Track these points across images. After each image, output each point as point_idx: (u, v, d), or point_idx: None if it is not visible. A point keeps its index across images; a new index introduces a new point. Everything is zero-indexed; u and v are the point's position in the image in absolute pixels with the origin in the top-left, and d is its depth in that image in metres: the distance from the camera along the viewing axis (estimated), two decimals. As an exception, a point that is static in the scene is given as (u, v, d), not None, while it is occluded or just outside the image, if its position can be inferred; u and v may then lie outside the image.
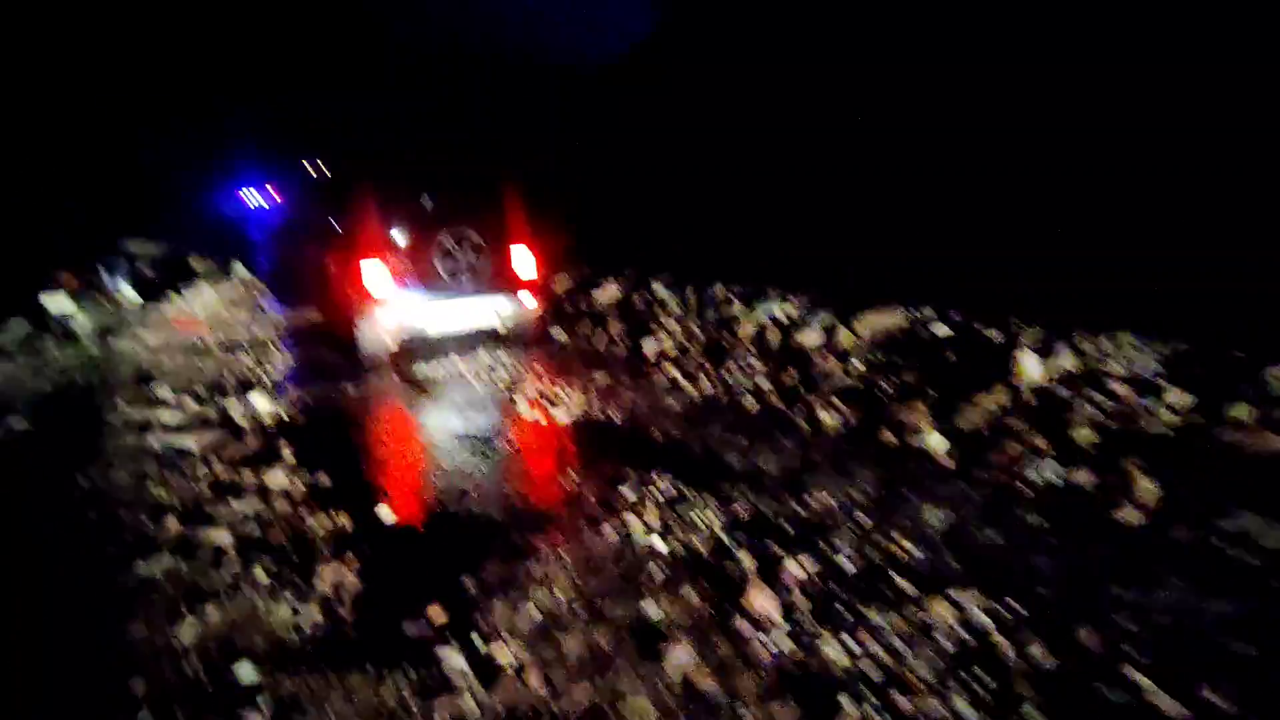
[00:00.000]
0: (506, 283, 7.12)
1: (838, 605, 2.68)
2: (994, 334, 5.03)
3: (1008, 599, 2.64)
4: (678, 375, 6.03)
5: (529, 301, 7.25)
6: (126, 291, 8.74)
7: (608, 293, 8.79)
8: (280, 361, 7.48)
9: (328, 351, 7.92)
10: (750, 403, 5.21)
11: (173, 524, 3.23)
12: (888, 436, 4.33)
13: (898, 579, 2.83)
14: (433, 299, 6.88)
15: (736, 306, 6.91)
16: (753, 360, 5.96)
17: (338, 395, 6.15)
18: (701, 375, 5.91)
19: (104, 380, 5.95)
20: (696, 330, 6.94)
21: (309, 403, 5.95)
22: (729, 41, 13.05)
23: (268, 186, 41.59)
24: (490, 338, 7.68)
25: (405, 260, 6.73)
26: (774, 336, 6.17)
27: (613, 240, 10.12)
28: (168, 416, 4.99)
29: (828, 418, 4.75)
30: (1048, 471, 3.62)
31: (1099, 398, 4.13)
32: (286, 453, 4.57)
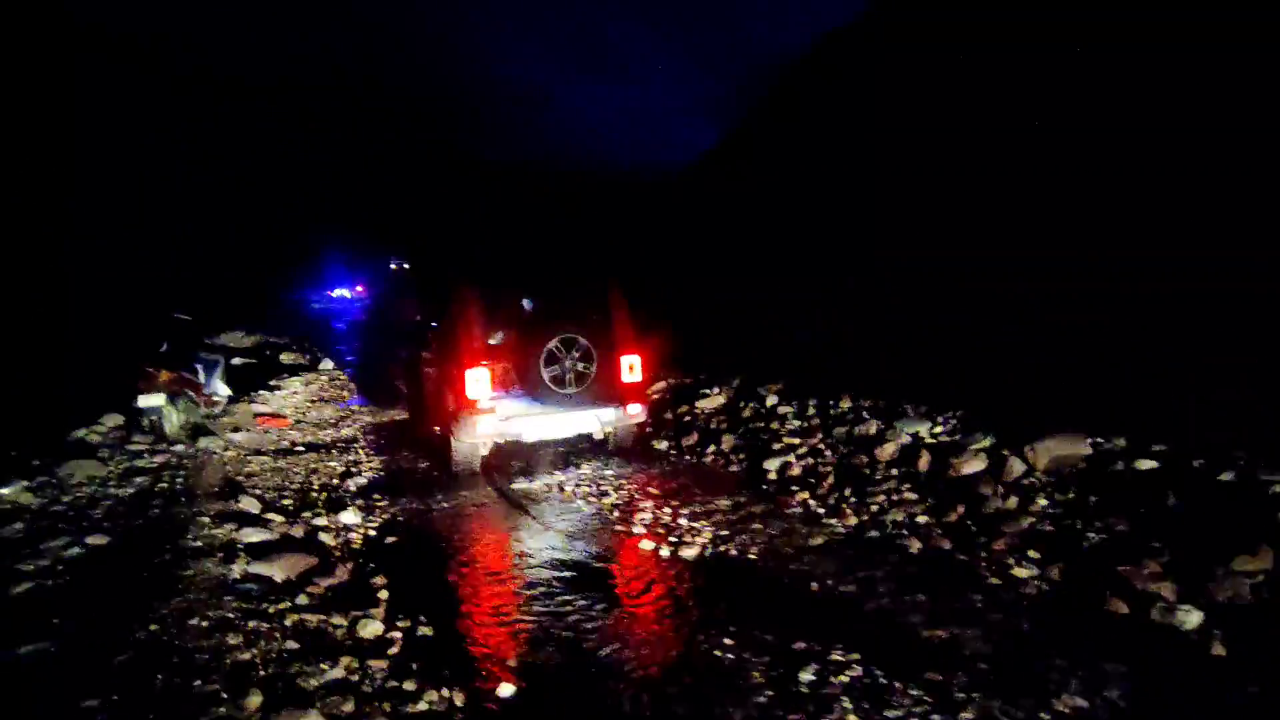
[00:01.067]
0: (611, 389, 6.58)
1: None
2: (1227, 475, 4.11)
3: None
4: (813, 502, 5.25)
5: (634, 409, 6.66)
6: (219, 388, 8.58)
7: (713, 401, 8.15)
8: (368, 467, 7.03)
9: (417, 456, 7.45)
10: (914, 544, 4.38)
11: (253, 702, 2.59)
12: (1118, 606, 3.42)
13: None
14: (534, 405, 6.37)
15: (872, 424, 6.13)
16: (903, 490, 5.14)
17: (432, 513, 5.58)
18: (842, 504, 5.11)
19: (189, 487, 5.55)
20: (824, 449, 6.18)
21: (401, 520, 5.39)
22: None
23: (357, 286, 43.52)
24: (591, 447, 7.07)
25: (508, 365, 6.27)
26: (924, 461, 5.35)
27: (714, 345, 9.56)
28: (253, 536, 4.48)
29: (1022, 571, 3.88)
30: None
31: None
32: (381, 590, 3.96)
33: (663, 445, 7.42)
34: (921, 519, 4.71)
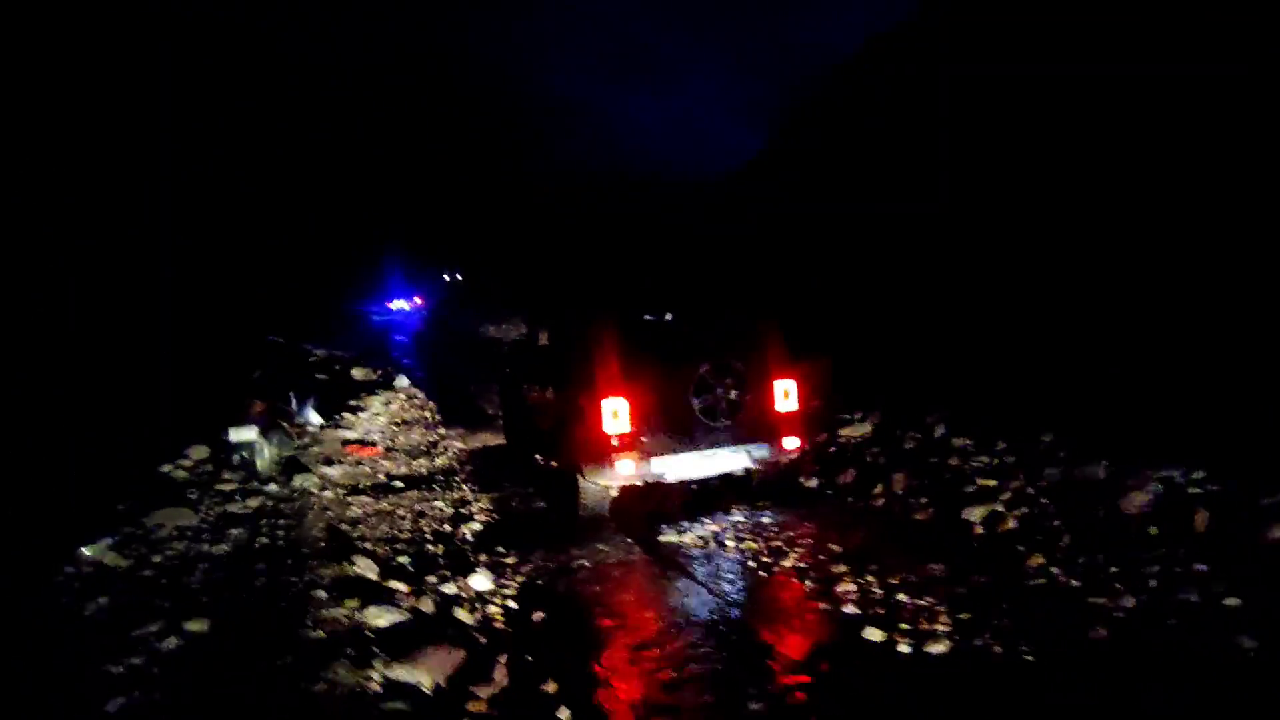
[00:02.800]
0: (763, 420, 5.60)
1: None
2: None
3: None
4: (1056, 570, 4.17)
5: (790, 443, 5.66)
6: (311, 417, 7.86)
7: (858, 429, 7.09)
8: (478, 508, 6.18)
9: (527, 493, 6.59)
10: (1244, 642, 3.26)
11: None
12: None
13: None
14: (680, 441, 5.41)
15: (1098, 466, 5.00)
16: (1179, 555, 4.02)
17: (574, 574, 4.67)
18: (1101, 576, 4.01)
19: (292, 541, 4.74)
20: (1035, 495, 5.07)
21: (541, 585, 4.50)
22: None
23: (415, 298, 43.54)
24: (729, 486, 6.09)
25: (652, 397, 5.34)
26: (1200, 519, 4.22)
27: (864, 366, 8.47)
28: (381, 618, 3.62)
29: None
30: None
31: None
32: (559, 705, 3.03)
33: (812, 483, 6.40)
34: (1230, 601, 3.59)
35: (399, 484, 6.82)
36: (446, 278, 54.76)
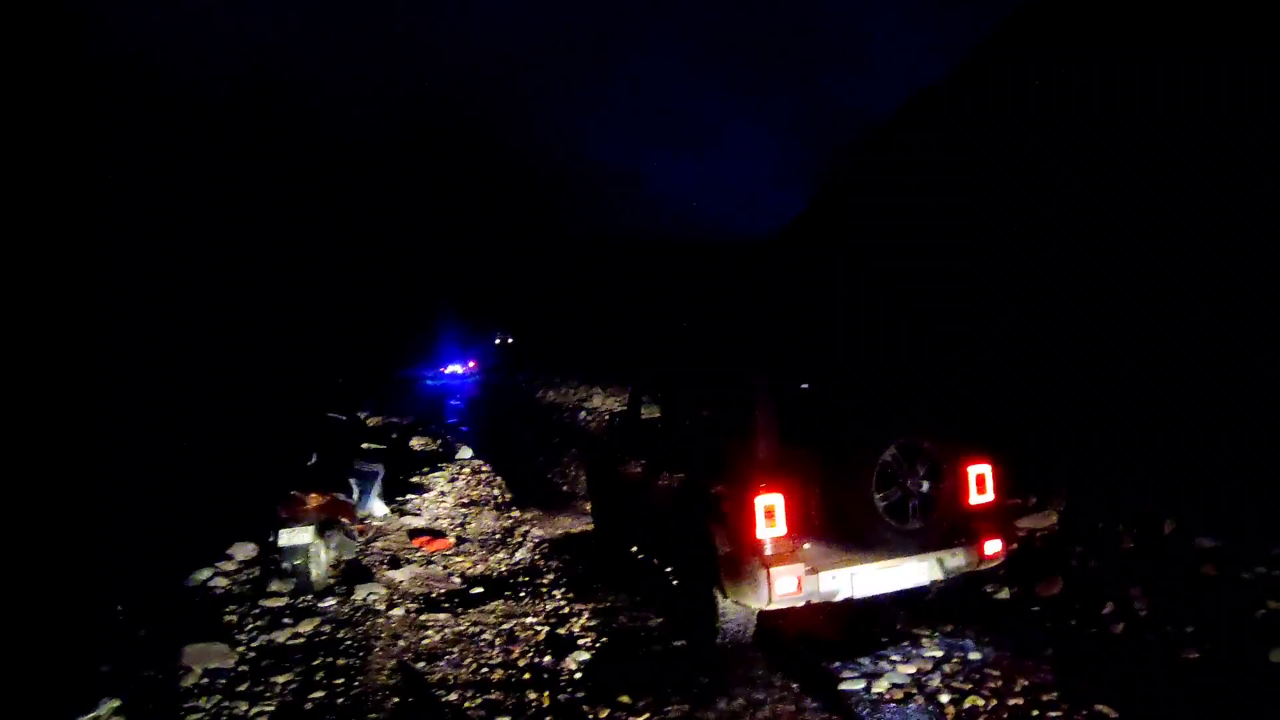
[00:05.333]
0: (958, 520, 4.29)
1: None
2: None
3: None
4: None
5: (993, 548, 4.32)
6: (375, 508, 6.80)
7: (1040, 520, 5.69)
8: (579, 626, 4.93)
9: (633, 602, 5.32)
10: None
11: None
12: None
13: None
14: (852, 548, 4.13)
15: None
16: None
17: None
18: None
19: (356, 697, 3.57)
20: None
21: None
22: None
23: (470, 362, 43.23)
24: (918, 604, 4.73)
25: (814, 489, 4.11)
26: None
27: (1012, 434, 7.07)
28: None
29: None
30: None
31: None
32: None
33: (1003, 594, 5.00)
34: None
35: (478, 590, 5.64)
36: (498, 341, 54.58)
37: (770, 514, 3.95)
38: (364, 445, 10.30)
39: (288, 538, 4.78)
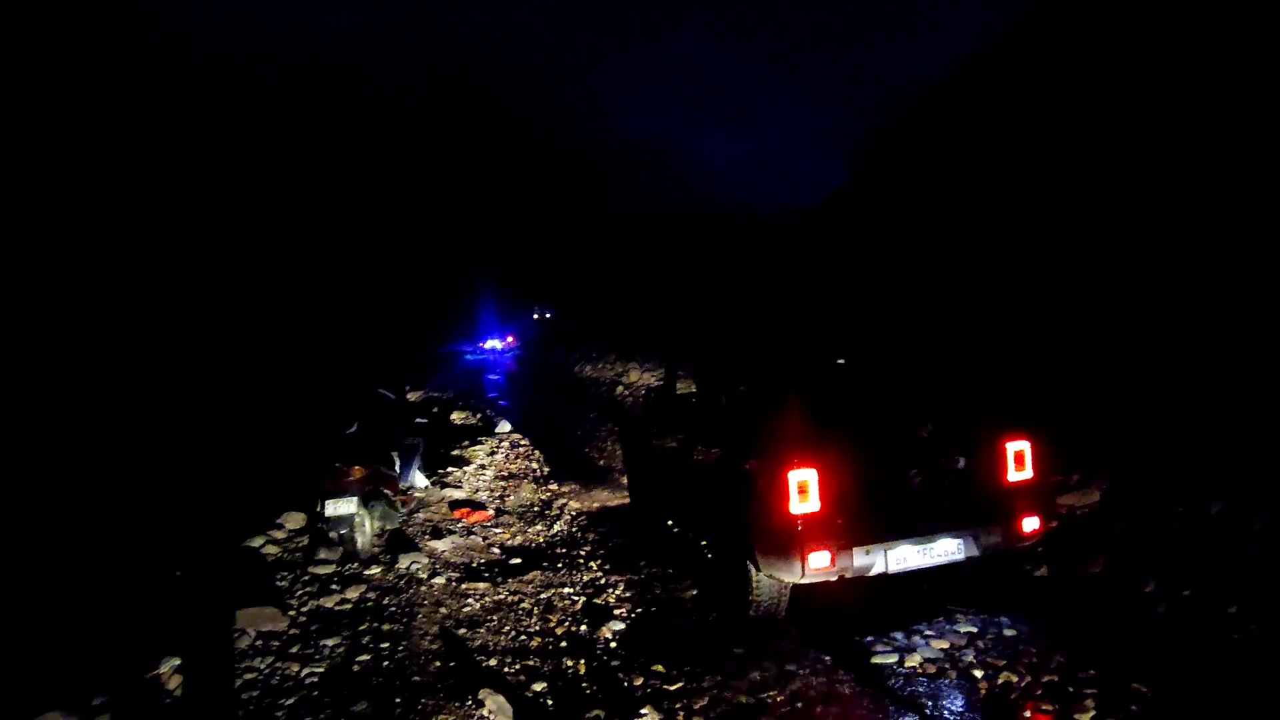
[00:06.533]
0: (995, 497, 4.25)
1: None
2: None
3: None
4: None
5: (1030, 525, 4.28)
6: (417, 480, 6.99)
7: (1082, 498, 5.59)
8: (614, 596, 5.03)
9: (668, 574, 5.40)
10: None
11: None
12: None
13: None
14: (887, 525, 4.13)
15: None
16: None
17: (766, 710, 3.42)
18: None
19: (400, 661, 3.72)
20: None
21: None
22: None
23: (509, 337, 43.67)
24: (955, 581, 4.72)
25: (849, 466, 4.11)
26: None
27: (1053, 409, 6.93)
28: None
29: None
30: None
31: None
32: None
33: (1041, 571, 4.95)
34: None
35: (517, 560, 5.78)
36: (535, 315, 54.93)
37: (804, 489, 3.97)
38: (405, 418, 10.56)
39: (333, 508, 4.97)
